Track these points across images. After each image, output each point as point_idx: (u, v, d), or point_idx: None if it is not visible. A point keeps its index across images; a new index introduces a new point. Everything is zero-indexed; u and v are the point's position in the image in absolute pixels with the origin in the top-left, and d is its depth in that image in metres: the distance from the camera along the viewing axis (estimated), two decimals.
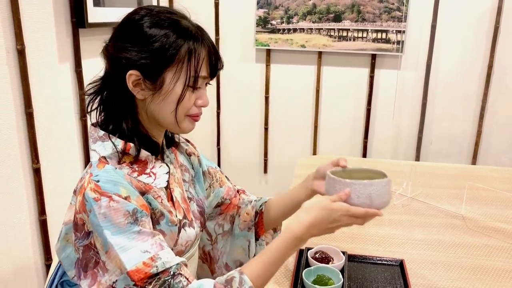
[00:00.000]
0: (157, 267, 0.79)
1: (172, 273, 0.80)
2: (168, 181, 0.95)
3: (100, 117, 0.95)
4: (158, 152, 0.96)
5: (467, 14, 2.71)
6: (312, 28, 2.81)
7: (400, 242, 1.32)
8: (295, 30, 2.83)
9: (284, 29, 2.84)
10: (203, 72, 0.90)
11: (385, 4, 2.70)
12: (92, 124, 0.94)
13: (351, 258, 1.16)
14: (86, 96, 0.95)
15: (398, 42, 2.74)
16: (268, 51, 2.90)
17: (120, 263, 0.78)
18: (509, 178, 1.84)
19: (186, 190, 1.04)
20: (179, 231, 0.94)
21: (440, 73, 2.82)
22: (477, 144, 2.89)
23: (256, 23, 2.83)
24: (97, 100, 0.94)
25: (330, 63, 2.90)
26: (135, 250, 0.79)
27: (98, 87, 0.93)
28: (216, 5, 2.85)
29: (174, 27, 0.87)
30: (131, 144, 0.89)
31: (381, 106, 2.94)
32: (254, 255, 1.15)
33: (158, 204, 0.90)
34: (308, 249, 1.18)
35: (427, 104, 2.88)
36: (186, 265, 0.85)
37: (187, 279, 0.82)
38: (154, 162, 0.93)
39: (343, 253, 1.16)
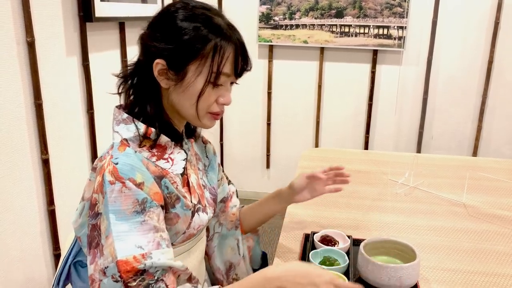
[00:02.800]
0: (145, 264, 0.80)
1: (156, 277, 0.82)
2: (185, 168, 0.97)
3: (128, 100, 0.97)
4: (177, 139, 0.98)
5: (468, 10, 2.74)
6: (314, 24, 2.84)
7: (403, 228, 1.35)
8: (297, 26, 2.86)
9: (286, 25, 2.87)
10: (226, 69, 0.91)
11: (386, 0, 2.73)
12: (116, 106, 0.97)
13: (356, 242, 1.19)
14: (117, 78, 0.97)
15: (399, 38, 2.78)
16: (271, 47, 2.94)
17: (113, 251, 0.80)
18: (510, 169, 1.87)
19: (200, 178, 1.07)
20: (193, 215, 0.97)
21: (441, 68, 2.85)
22: (477, 138, 2.92)
23: (259, 19, 2.86)
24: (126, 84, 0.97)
25: (332, 59, 2.93)
26: (130, 242, 0.81)
27: (129, 72, 0.97)
28: (220, 2, 2.89)
29: (205, 22, 0.89)
30: (152, 129, 0.91)
31: (382, 101, 2.97)
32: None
33: (174, 188, 0.93)
34: (314, 233, 1.21)
35: (428, 99, 2.91)
36: (174, 272, 0.86)
37: (167, 286, 0.83)
38: (173, 148, 0.96)
39: (348, 237, 1.19)
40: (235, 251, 1.17)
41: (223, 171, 1.22)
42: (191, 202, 0.97)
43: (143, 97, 0.94)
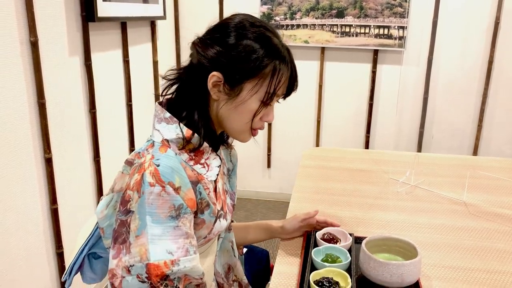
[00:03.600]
0: (172, 270, 0.83)
1: (175, 285, 0.85)
2: (217, 174, 0.99)
3: (166, 100, 0.98)
4: (215, 146, 0.99)
5: (468, 11, 2.75)
6: (315, 24, 2.85)
7: (404, 226, 1.36)
8: (298, 26, 2.87)
9: (287, 25, 2.88)
10: (280, 91, 0.94)
11: (387, 0, 2.74)
12: (159, 103, 0.97)
13: (357, 240, 1.20)
14: (163, 80, 0.98)
15: (400, 38, 2.78)
16: None
17: (145, 252, 0.82)
18: (510, 168, 1.88)
19: (224, 183, 1.08)
20: (215, 221, 0.98)
21: (441, 68, 2.86)
22: (477, 138, 2.93)
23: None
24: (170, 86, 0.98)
25: (333, 59, 2.94)
26: (162, 247, 0.83)
27: (177, 75, 0.97)
28: (221, 2, 2.90)
29: (265, 43, 0.90)
30: (196, 135, 0.92)
31: (383, 101, 2.98)
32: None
33: (206, 195, 0.94)
34: (316, 230, 1.22)
35: (429, 99, 2.92)
36: (186, 279, 0.89)
37: None
38: (210, 154, 0.97)
39: (350, 234, 1.20)
40: (230, 253, 1.19)
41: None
42: (217, 208, 0.98)
43: (191, 103, 0.94)
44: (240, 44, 0.90)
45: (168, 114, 0.93)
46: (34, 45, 1.59)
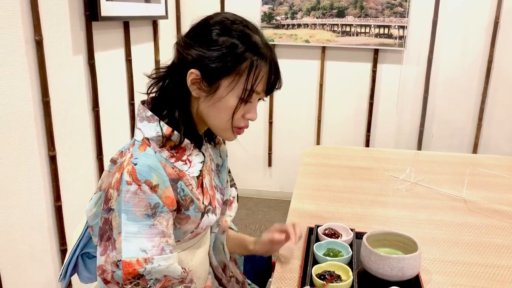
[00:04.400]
0: (145, 269, 0.85)
1: (148, 285, 0.86)
2: (201, 170, 0.99)
3: (151, 98, 0.99)
4: (198, 143, 1.00)
5: (468, 10, 2.77)
6: (316, 24, 2.87)
7: (404, 222, 1.38)
8: (299, 25, 2.89)
9: (288, 25, 2.90)
10: (259, 88, 0.93)
11: (387, 0, 2.76)
12: (141, 102, 0.99)
13: (358, 235, 1.22)
14: (148, 79, 0.99)
15: (400, 37, 2.80)
16: (273, 46, 2.97)
17: (120, 249, 0.85)
18: (509, 165, 1.90)
19: (212, 179, 1.09)
20: (202, 216, 0.99)
21: (441, 67, 2.88)
22: (477, 137, 2.95)
23: (261, 19, 2.89)
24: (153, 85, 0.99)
25: (334, 58, 2.96)
26: (136, 244, 0.85)
27: (162, 74, 0.98)
28: (222, 2, 2.92)
29: (243, 39, 0.91)
30: (176, 132, 0.93)
31: (383, 100, 3.00)
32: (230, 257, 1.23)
33: (189, 191, 0.95)
34: (318, 226, 1.24)
35: (428, 98, 2.94)
36: (168, 280, 0.89)
37: None
38: (192, 150, 0.98)
39: (351, 230, 1.22)
40: (222, 254, 1.20)
41: (229, 172, 1.23)
42: (203, 203, 0.99)
43: (172, 101, 0.95)
44: (217, 41, 0.90)
45: (149, 113, 0.94)
46: (39, 44, 1.61)
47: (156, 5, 2.51)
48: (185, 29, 1.00)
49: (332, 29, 2.86)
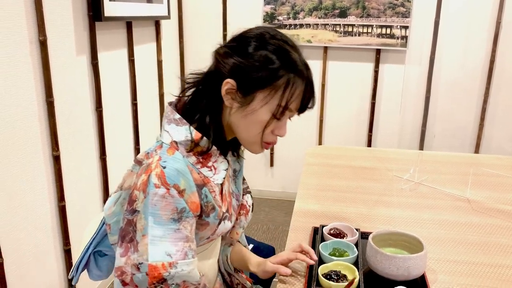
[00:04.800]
0: (169, 273, 0.85)
1: None
2: (224, 177, 0.99)
3: (178, 100, 1.00)
4: (224, 151, 1.00)
5: (470, 10, 2.77)
6: (318, 24, 2.87)
7: (409, 222, 1.38)
8: (301, 25, 2.89)
9: (290, 25, 2.90)
10: (293, 106, 0.93)
11: (389, 0, 2.76)
12: (169, 103, 0.98)
13: (364, 235, 1.22)
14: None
15: (402, 37, 2.81)
16: None
17: (147, 252, 0.85)
18: (511, 165, 1.90)
19: (229, 185, 1.09)
20: (219, 223, 0.99)
21: (443, 67, 2.88)
22: (479, 137, 2.95)
23: (263, 19, 2.89)
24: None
25: (336, 58, 2.96)
26: (161, 248, 0.85)
27: (197, 79, 0.99)
28: (224, 2, 2.92)
29: (283, 56, 0.91)
30: (205, 138, 0.93)
31: (385, 100, 3.00)
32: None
33: (212, 198, 0.95)
34: (323, 226, 1.24)
35: (431, 98, 2.94)
36: (185, 286, 0.89)
37: None
38: (218, 157, 0.98)
39: (357, 230, 1.22)
40: (226, 266, 1.21)
41: (244, 179, 1.21)
42: (222, 211, 0.99)
43: (204, 107, 0.95)
44: (256, 54, 0.90)
45: (177, 116, 0.94)
46: (43, 44, 1.61)
47: (159, 5, 2.51)
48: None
49: (334, 29, 2.86)
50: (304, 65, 0.94)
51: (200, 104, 0.96)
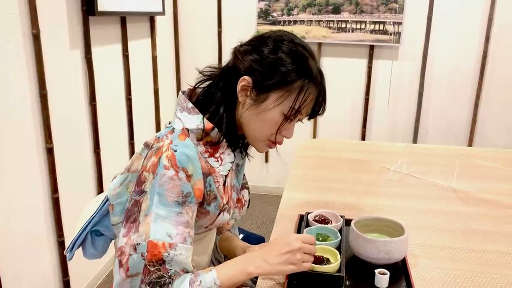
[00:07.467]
0: (168, 254, 0.87)
1: (169, 274, 0.88)
2: (229, 169, 1.03)
3: (190, 90, 1.03)
4: (233, 144, 1.03)
5: (462, 6, 2.79)
6: (312, 20, 2.89)
7: (394, 210, 1.41)
8: (295, 22, 2.91)
9: (284, 21, 2.93)
10: (304, 110, 0.97)
11: None
12: (182, 92, 1.01)
13: (348, 222, 1.24)
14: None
15: (395, 33, 2.83)
16: None
17: (148, 230, 0.87)
18: (498, 157, 1.92)
19: (231, 178, 1.11)
20: (218, 214, 1.02)
21: (436, 63, 2.91)
22: (472, 131, 2.97)
23: (258, 15, 2.92)
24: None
25: (330, 54, 2.99)
26: (163, 227, 0.87)
27: (213, 73, 1.02)
28: None
29: (300, 61, 0.94)
30: (216, 129, 0.96)
31: (379, 96, 3.02)
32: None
33: (215, 188, 0.98)
34: (308, 213, 1.26)
35: (424, 94, 2.97)
36: (186, 271, 0.91)
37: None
38: (225, 149, 1.01)
39: (341, 216, 1.24)
40: (216, 253, 1.23)
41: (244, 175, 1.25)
42: (223, 202, 1.02)
43: (219, 100, 0.98)
44: (274, 55, 0.94)
45: (190, 105, 0.97)
46: (36, 38, 1.63)
47: (153, 1, 2.54)
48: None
49: (328, 25, 2.88)
50: (319, 72, 0.98)
51: (215, 97, 0.99)
